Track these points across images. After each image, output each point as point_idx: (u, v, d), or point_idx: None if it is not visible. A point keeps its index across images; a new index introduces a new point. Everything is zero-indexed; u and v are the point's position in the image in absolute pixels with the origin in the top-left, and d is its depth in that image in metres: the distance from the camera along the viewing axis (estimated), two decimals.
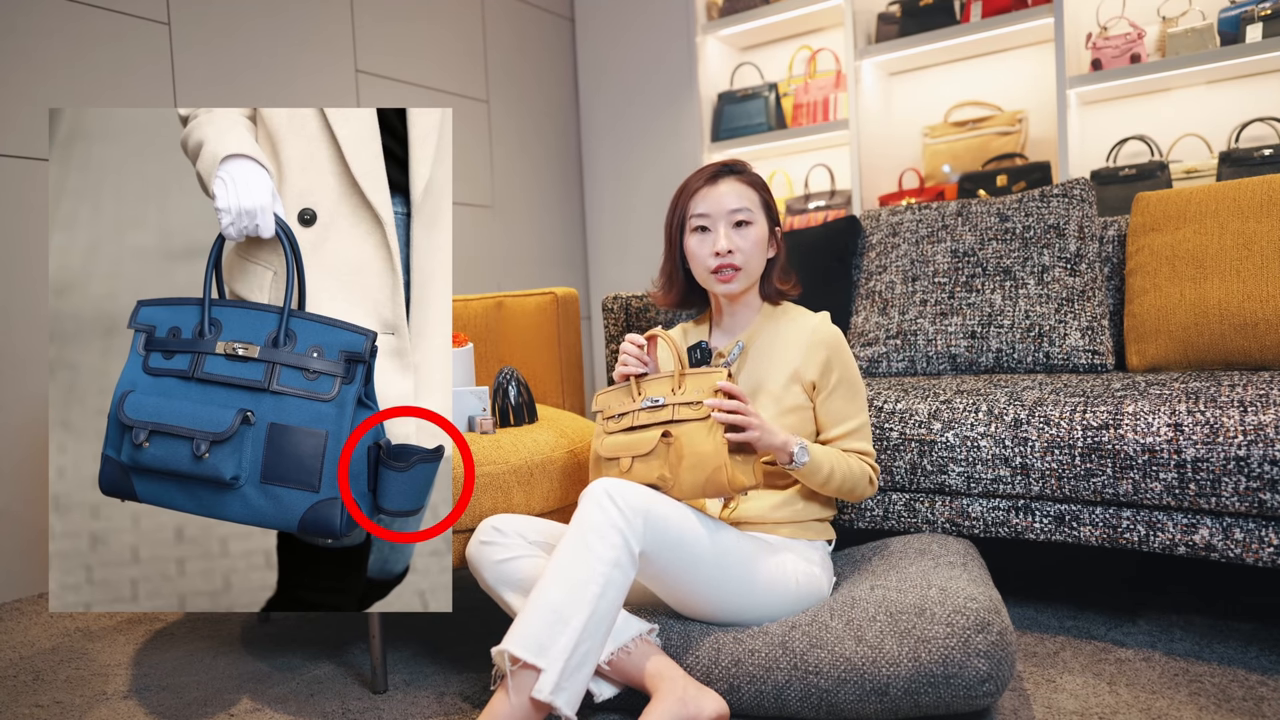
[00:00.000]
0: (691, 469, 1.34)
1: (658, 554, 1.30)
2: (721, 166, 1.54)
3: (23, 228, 2.24)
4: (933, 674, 1.20)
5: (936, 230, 2.18)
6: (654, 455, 1.37)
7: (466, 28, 3.46)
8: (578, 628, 1.20)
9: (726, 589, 1.36)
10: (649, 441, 1.37)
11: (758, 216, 1.52)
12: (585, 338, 3.92)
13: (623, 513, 1.26)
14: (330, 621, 1.91)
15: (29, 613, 2.09)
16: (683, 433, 1.36)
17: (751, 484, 1.35)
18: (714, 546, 1.34)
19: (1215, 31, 2.63)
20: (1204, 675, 1.43)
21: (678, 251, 1.57)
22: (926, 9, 3.10)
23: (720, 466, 1.32)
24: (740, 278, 1.50)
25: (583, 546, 1.24)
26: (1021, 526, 1.62)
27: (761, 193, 1.54)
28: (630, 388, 1.46)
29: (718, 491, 1.34)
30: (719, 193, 1.51)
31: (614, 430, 1.45)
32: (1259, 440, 1.38)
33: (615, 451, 1.41)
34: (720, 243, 1.48)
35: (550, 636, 1.19)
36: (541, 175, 3.79)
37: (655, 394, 1.42)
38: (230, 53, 2.67)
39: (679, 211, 1.54)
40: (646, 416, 1.41)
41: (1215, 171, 2.60)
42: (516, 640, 1.20)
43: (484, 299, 2.30)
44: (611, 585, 1.23)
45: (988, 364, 2.02)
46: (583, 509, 1.28)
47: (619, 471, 1.39)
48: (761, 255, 1.53)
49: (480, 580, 1.44)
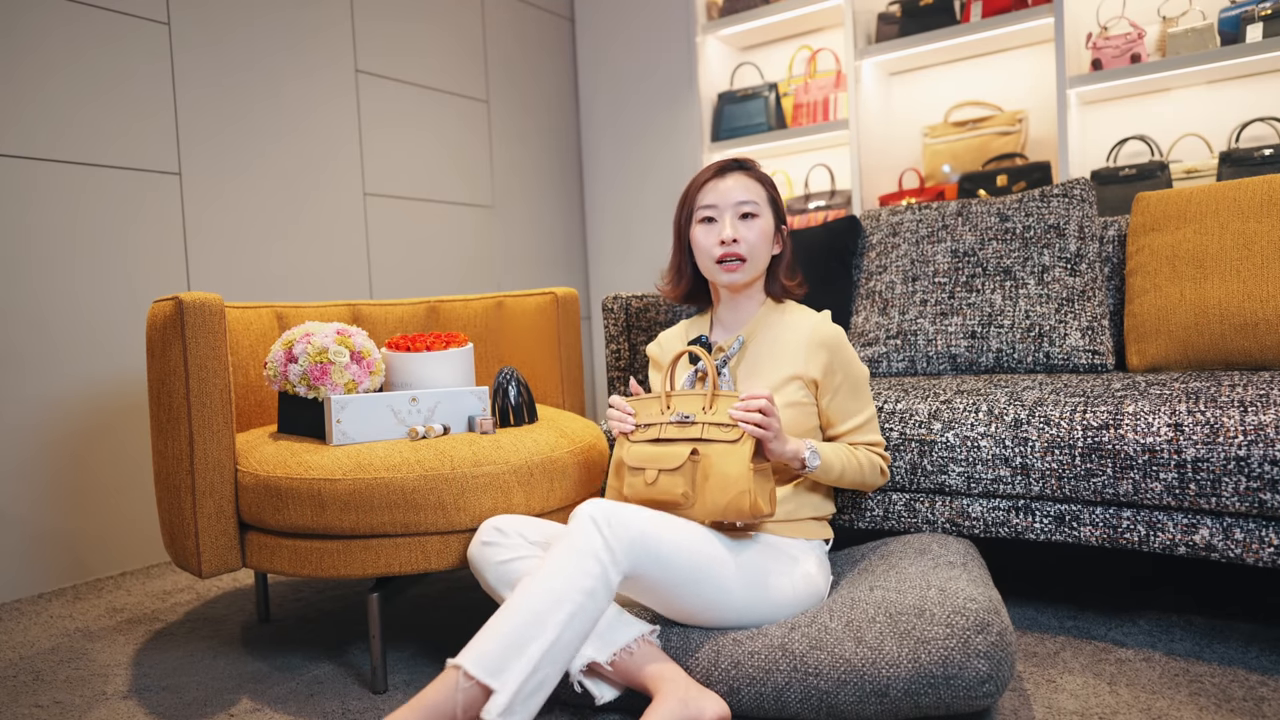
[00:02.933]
0: (716, 490, 1.35)
1: (650, 575, 1.28)
2: (730, 162, 1.58)
3: (23, 228, 2.24)
4: (933, 675, 1.20)
5: (937, 230, 2.18)
6: (680, 471, 1.37)
7: (466, 28, 3.46)
8: (536, 654, 1.17)
9: (723, 601, 1.35)
10: (678, 456, 1.38)
11: (764, 210, 1.54)
12: (585, 338, 3.92)
13: (607, 541, 1.24)
14: (330, 621, 1.91)
15: (29, 613, 2.09)
16: (711, 452, 1.37)
17: (769, 511, 1.36)
18: (710, 561, 1.33)
19: (1215, 31, 2.62)
20: (1204, 675, 1.42)
21: (685, 244, 1.60)
22: (926, 9, 3.10)
23: (745, 491, 1.33)
24: (745, 269, 1.52)
25: (559, 571, 1.23)
26: (1021, 526, 1.61)
27: (768, 189, 1.57)
28: (660, 399, 1.47)
29: (738, 515, 1.34)
30: (726, 185, 1.54)
31: (639, 440, 1.45)
32: (1259, 440, 1.38)
33: (642, 462, 1.41)
34: (725, 231, 1.51)
35: (508, 659, 1.17)
36: (541, 175, 3.79)
37: (686, 410, 1.43)
38: (230, 53, 2.67)
39: (687, 204, 1.58)
40: (674, 431, 1.42)
41: (1215, 171, 2.60)
42: (473, 657, 1.17)
43: (484, 299, 2.30)
44: (580, 614, 1.21)
45: (988, 364, 2.02)
46: (574, 529, 1.27)
47: (644, 483, 1.40)
48: (767, 249, 1.55)
49: (482, 581, 1.44)
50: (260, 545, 1.60)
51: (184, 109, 2.55)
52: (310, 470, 1.52)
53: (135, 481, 2.44)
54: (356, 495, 1.50)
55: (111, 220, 2.40)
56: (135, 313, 2.44)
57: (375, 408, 1.64)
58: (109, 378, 2.39)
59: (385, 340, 2.05)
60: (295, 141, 2.84)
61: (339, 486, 1.50)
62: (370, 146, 3.07)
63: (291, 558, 1.56)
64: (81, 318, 2.34)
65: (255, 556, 1.61)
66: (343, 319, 2.14)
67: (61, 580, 2.30)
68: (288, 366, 1.66)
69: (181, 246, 2.54)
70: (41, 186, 2.27)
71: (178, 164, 2.53)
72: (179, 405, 1.56)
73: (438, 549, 1.53)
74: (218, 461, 1.58)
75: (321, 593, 2.13)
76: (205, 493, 1.57)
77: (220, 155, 2.64)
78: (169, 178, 2.52)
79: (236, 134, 2.68)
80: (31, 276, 2.25)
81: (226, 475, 1.60)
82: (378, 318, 2.22)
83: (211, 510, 1.57)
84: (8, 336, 2.21)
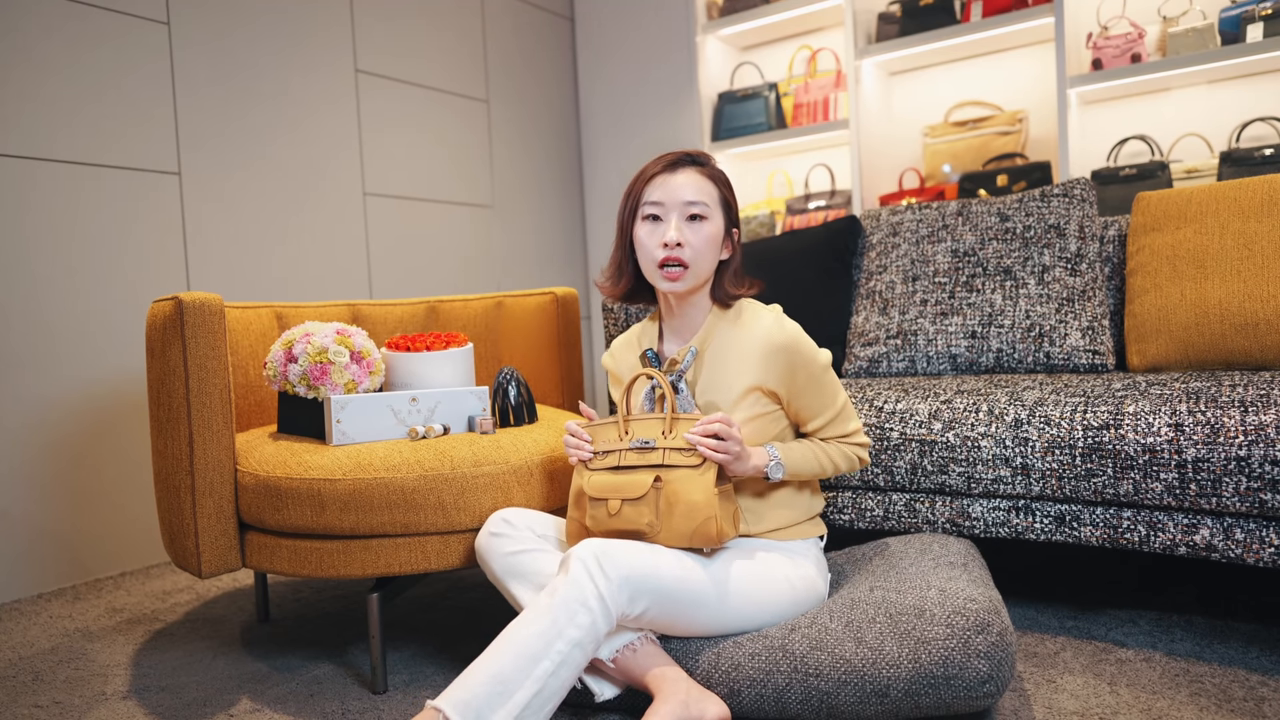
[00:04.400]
0: (682, 518, 1.32)
1: (649, 610, 1.27)
2: (683, 155, 1.46)
3: (22, 228, 2.23)
4: (933, 675, 1.20)
5: (937, 230, 2.18)
6: (644, 501, 1.33)
7: (466, 28, 3.46)
8: (520, 704, 1.16)
9: (725, 618, 1.34)
10: (641, 485, 1.34)
11: (714, 213, 1.42)
12: (585, 338, 3.92)
13: (599, 589, 1.21)
14: (330, 621, 1.91)
15: (29, 613, 2.09)
16: (674, 479, 1.33)
17: (733, 535, 1.35)
18: (708, 582, 1.32)
19: (1216, 31, 2.62)
20: (1204, 675, 1.42)
21: (628, 240, 1.47)
22: (926, 9, 3.10)
23: (711, 517, 1.31)
24: (687, 276, 1.40)
25: (549, 619, 1.20)
26: (1022, 527, 1.61)
27: (722, 189, 1.45)
28: (618, 425, 1.41)
29: (704, 541, 1.32)
30: (676, 182, 1.42)
31: (598, 467, 1.40)
32: (1259, 440, 1.38)
33: (604, 492, 1.36)
34: (670, 234, 1.38)
35: (489, 707, 1.15)
36: (541, 175, 3.79)
37: (645, 435, 1.38)
38: (230, 53, 2.66)
39: (632, 197, 1.45)
40: (635, 458, 1.37)
41: (1216, 171, 2.60)
42: (454, 703, 1.15)
43: (484, 299, 2.30)
44: (566, 665, 1.20)
45: (988, 364, 2.02)
46: (567, 574, 1.24)
47: (607, 513, 1.35)
48: (713, 255, 1.43)
49: (488, 571, 1.43)
50: (260, 545, 1.60)
51: (184, 109, 2.55)
52: (310, 470, 1.52)
53: (135, 481, 2.44)
54: (356, 495, 1.50)
55: (111, 220, 2.40)
56: (135, 313, 2.44)
57: (375, 408, 1.64)
58: (109, 378, 2.39)
59: (385, 340, 2.05)
60: (295, 141, 2.84)
61: (339, 486, 1.50)
62: (370, 146, 3.07)
63: (291, 558, 1.56)
64: (81, 318, 2.34)
65: (255, 556, 1.61)
66: (343, 319, 2.14)
67: (61, 580, 2.30)
68: (288, 366, 1.66)
69: (181, 246, 2.54)
70: (41, 186, 2.27)
71: (178, 164, 2.53)
72: (179, 405, 1.56)
73: (438, 549, 1.53)
74: (217, 461, 1.58)
75: (321, 593, 2.13)
76: (205, 493, 1.57)
77: (220, 155, 2.64)
78: (169, 178, 2.52)
79: (236, 134, 2.68)
80: (31, 276, 2.25)
81: (226, 475, 1.59)
82: (377, 318, 2.22)
83: (211, 510, 1.57)
84: (8, 336, 2.21)
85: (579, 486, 1.41)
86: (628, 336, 1.60)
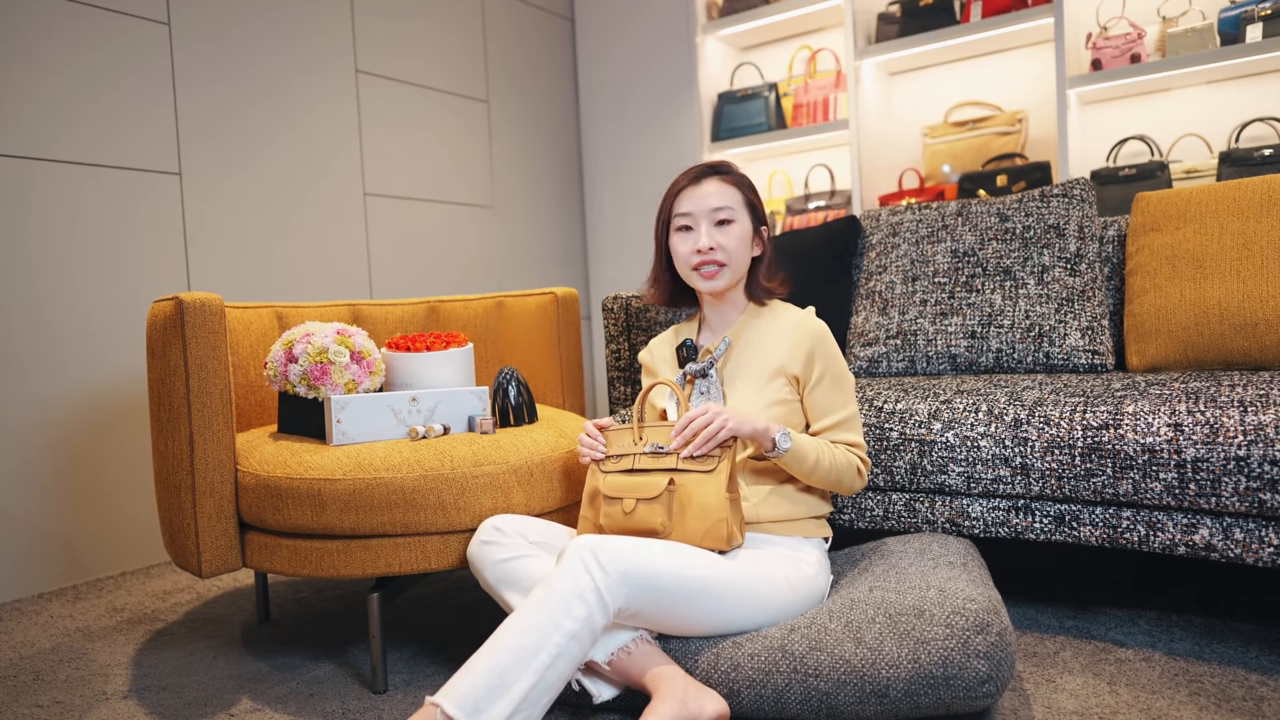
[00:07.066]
0: (695, 519, 1.37)
1: (646, 606, 1.27)
2: (707, 167, 1.57)
3: (22, 228, 2.24)
4: (932, 675, 1.20)
5: (936, 230, 2.18)
6: (659, 501, 1.39)
7: (466, 28, 3.46)
8: (518, 696, 1.17)
9: (722, 616, 1.34)
10: (656, 486, 1.39)
11: (740, 215, 1.54)
12: (585, 338, 3.92)
13: (596, 582, 1.22)
14: (330, 621, 1.91)
15: (29, 613, 2.09)
16: (688, 482, 1.39)
17: (740, 541, 1.40)
18: (706, 581, 1.32)
19: (1215, 31, 2.62)
20: (1204, 675, 1.43)
21: (664, 251, 1.61)
22: (926, 9, 3.10)
23: (724, 519, 1.36)
24: (724, 274, 1.53)
25: (545, 611, 1.21)
26: (1021, 526, 1.61)
27: (746, 192, 1.56)
28: (633, 430, 1.48)
29: (716, 543, 1.37)
30: (702, 192, 1.54)
31: (612, 470, 1.46)
32: (1259, 440, 1.38)
33: (620, 491, 1.42)
34: (701, 240, 1.51)
35: (488, 700, 1.16)
36: (541, 175, 3.79)
37: (658, 440, 1.45)
38: (230, 53, 2.67)
39: (664, 211, 1.58)
40: (648, 461, 1.43)
41: (1215, 171, 2.60)
42: (452, 697, 1.16)
43: (484, 299, 2.30)
44: (563, 657, 1.21)
45: (988, 364, 2.02)
46: (564, 566, 1.25)
47: (622, 512, 1.40)
48: (746, 252, 1.55)
49: (481, 580, 1.44)
50: (260, 545, 1.60)
51: (184, 109, 2.55)
52: (310, 470, 1.52)
53: (135, 481, 2.44)
54: (356, 495, 1.50)
55: (111, 220, 2.40)
56: (135, 313, 2.44)
57: (375, 408, 1.64)
58: (109, 378, 2.39)
59: (385, 340, 2.05)
60: (295, 141, 2.84)
61: (339, 486, 1.50)
62: (370, 146, 3.07)
63: (291, 558, 1.56)
64: (81, 318, 2.34)
65: (255, 556, 1.61)
66: (343, 319, 2.14)
67: (61, 580, 2.30)
68: (288, 366, 1.66)
69: (181, 246, 2.54)
70: (41, 186, 2.27)
71: (178, 164, 2.53)
72: (179, 405, 1.56)
73: (437, 549, 1.53)
74: (218, 461, 1.58)
75: (321, 593, 2.13)
76: (205, 492, 1.57)
77: (220, 155, 2.64)
78: (169, 178, 2.52)
79: (236, 134, 2.68)
80: (31, 276, 2.25)
81: (226, 475, 1.60)
82: (378, 318, 2.22)
83: (211, 510, 1.58)
84: (8, 336, 2.21)
85: (594, 486, 1.47)
86: (665, 334, 1.72)
